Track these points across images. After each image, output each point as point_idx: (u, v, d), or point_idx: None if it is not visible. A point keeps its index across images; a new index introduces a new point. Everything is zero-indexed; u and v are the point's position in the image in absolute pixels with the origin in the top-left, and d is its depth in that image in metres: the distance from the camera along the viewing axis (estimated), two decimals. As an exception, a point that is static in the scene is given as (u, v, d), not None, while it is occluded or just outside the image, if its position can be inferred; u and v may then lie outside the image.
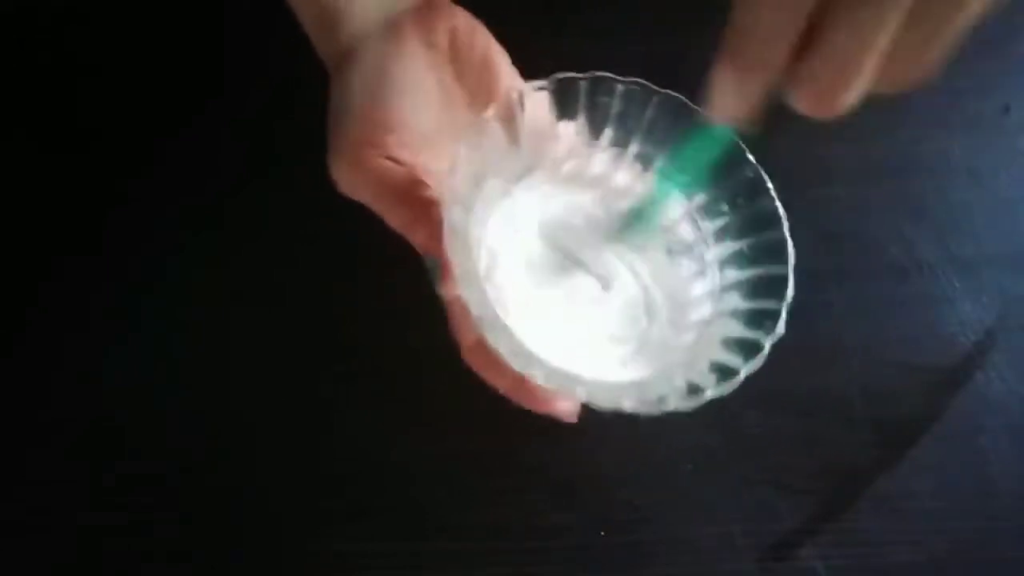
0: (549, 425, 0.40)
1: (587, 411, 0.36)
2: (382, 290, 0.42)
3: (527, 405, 0.34)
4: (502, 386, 0.34)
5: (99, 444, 0.40)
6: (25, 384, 0.41)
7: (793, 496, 0.39)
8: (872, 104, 0.25)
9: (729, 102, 0.25)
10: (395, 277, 0.41)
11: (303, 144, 0.36)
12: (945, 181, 0.46)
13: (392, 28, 0.34)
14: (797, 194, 0.33)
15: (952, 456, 0.40)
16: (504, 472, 0.39)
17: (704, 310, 0.34)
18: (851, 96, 0.24)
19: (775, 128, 0.26)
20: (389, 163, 0.32)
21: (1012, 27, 0.50)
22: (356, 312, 0.42)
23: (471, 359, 0.34)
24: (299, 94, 0.45)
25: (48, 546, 0.38)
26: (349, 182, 0.34)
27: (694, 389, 0.29)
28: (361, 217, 0.35)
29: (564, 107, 0.34)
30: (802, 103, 0.24)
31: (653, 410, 0.29)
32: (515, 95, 0.33)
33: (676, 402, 0.29)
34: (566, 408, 0.36)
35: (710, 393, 0.29)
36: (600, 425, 0.40)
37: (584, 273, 0.35)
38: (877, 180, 0.46)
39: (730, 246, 0.34)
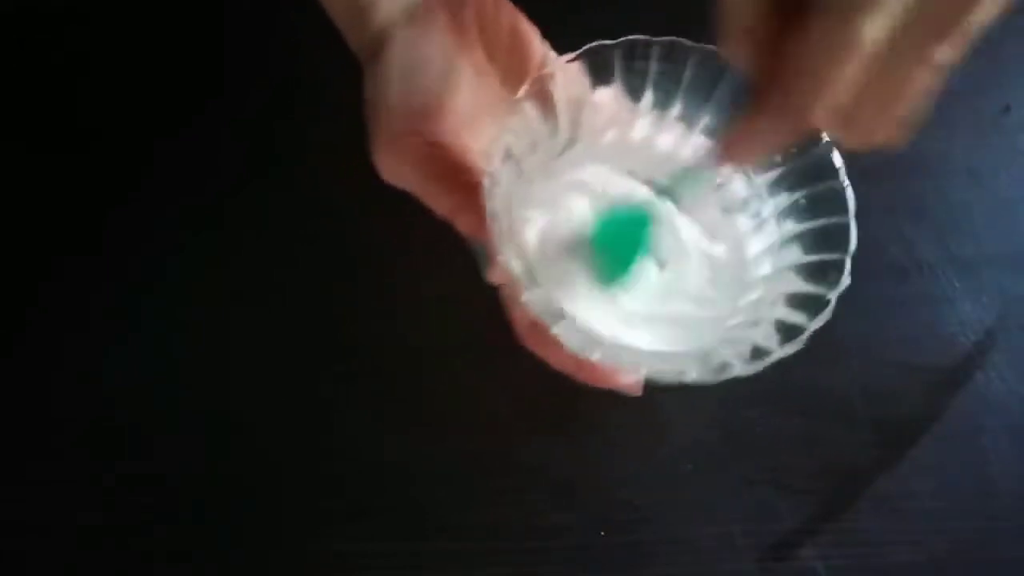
0: (549, 425, 0.40)
1: (587, 404, 0.35)
2: (382, 290, 0.42)
3: (591, 382, 0.34)
4: (563, 366, 0.34)
5: (99, 444, 0.40)
6: (25, 384, 0.41)
7: (793, 496, 0.39)
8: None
9: (755, 146, 0.25)
10: (395, 277, 0.41)
11: (303, 144, 0.36)
12: (945, 181, 0.46)
13: (419, 13, 0.34)
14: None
15: (952, 456, 0.40)
16: (504, 472, 0.39)
17: (765, 267, 0.33)
18: (888, 134, 0.24)
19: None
20: (431, 149, 0.32)
21: (1012, 27, 0.50)
22: (356, 312, 0.42)
23: (529, 342, 0.34)
24: (299, 94, 0.46)
25: (48, 546, 0.38)
26: (393, 171, 0.33)
27: (759, 352, 0.28)
28: (361, 217, 0.35)
29: (599, 76, 0.33)
30: (839, 138, 0.25)
31: (717, 378, 0.28)
32: (547, 72, 0.32)
33: (740, 367, 0.28)
34: (630, 382, 0.35)
35: (776, 355, 0.28)
36: (601, 425, 0.40)
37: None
38: (877, 180, 0.46)
39: (786, 198, 0.33)
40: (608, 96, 0.34)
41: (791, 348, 0.28)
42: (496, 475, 0.39)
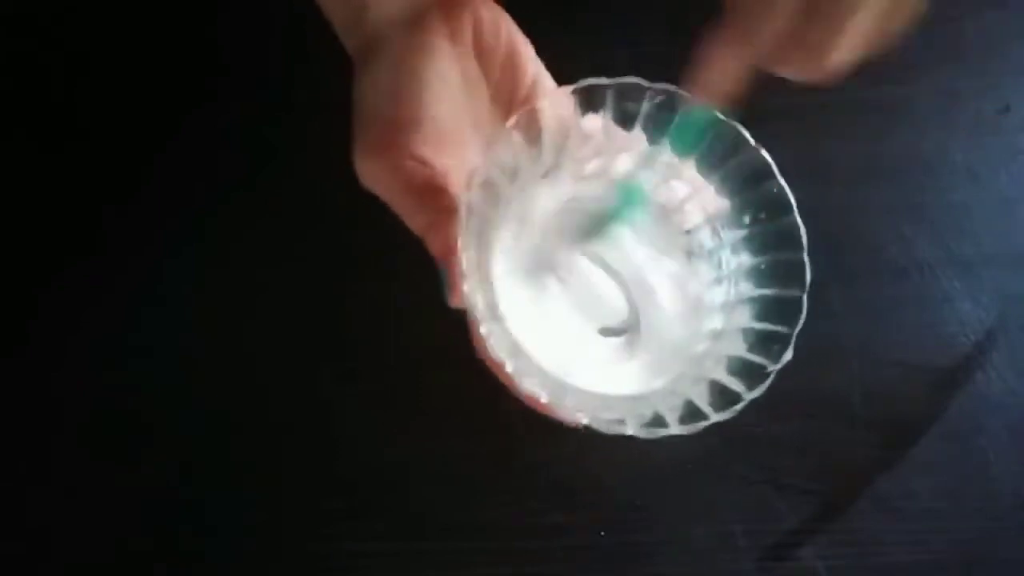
0: (549, 425, 0.40)
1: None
2: (382, 290, 0.42)
3: (544, 412, 0.34)
4: (522, 396, 0.34)
5: (99, 444, 0.40)
6: (25, 385, 0.41)
7: (793, 496, 0.39)
8: (873, 105, 0.26)
9: (717, 78, 0.26)
10: (395, 277, 0.41)
11: (303, 143, 0.36)
12: (945, 181, 0.46)
13: (417, 21, 0.33)
14: (797, 194, 0.33)
15: (952, 456, 0.40)
16: (504, 472, 0.39)
17: (717, 320, 0.33)
18: (840, 56, 0.25)
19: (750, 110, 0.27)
20: (413, 163, 0.32)
21: (1012, 27, 0.50)
22: (356, 312, 0.42)
23: (492, 367, 0.34)
24: (299, 93, 0.46)
25: (48, 546, 0.38)
26: (371, 178, 0.33)
27: (693, 413, 0.29)
28: (361, 217, 0.35)
29: (589, 106, 0.33)
30: (792, 66, 0.25)
31: (652, 434, 0.28)
32: (537, 106, 0.32)
33: (675, 428, 0.28)
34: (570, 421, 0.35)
35: (711, 420, 0.28)
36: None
37: (587, 272, 0.34)
38: (877, 180, 0.46)
39: (748, 259, 0.34)
40: (595, 124, 0.34)
41: (725, 415, 0.29)
42: (496, 475, 0.39)
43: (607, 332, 0.34)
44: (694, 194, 0.35)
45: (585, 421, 0.29)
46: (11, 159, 0.46)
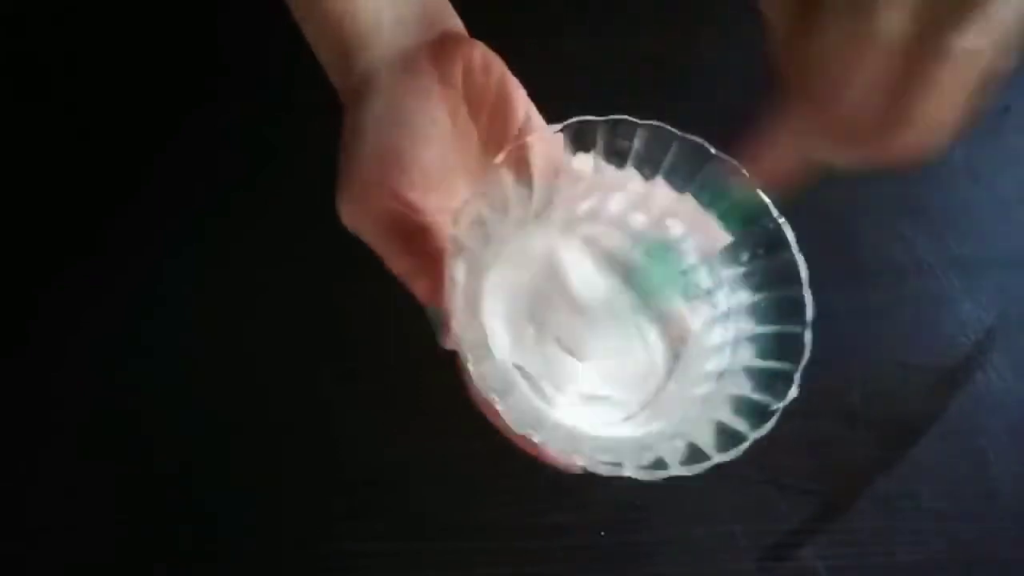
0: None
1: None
2: (382, 290, 0.42)
3: (537, 455, 0.33)
4: (515, 438, 0.33)
5: (99, 445, 0.40)
6: (25, 386, 0.41)
7: (793, 496, 0.39)
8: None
9: (776, 165, 0.24)
10: (395, 277, 0.41)
11: (303, 144, 0.36)
12: (945, 181, 0.46)
13: (407, 63, 0.33)
14: (797, 194, 0.33)
15: (952, 456, 0.40)
16: (504, 472, 0.39)
17: (718, 361, 0.33)
18: (919, 136, 0.22)
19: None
20: (397, 207, 0.32)
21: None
22: (356, 312, 0.42)
23: (484, 410, 0.33)
24: (299, 93, 0.46)
25: (48, 546, 0.38)
26: (354, 220, 0.33)
27: (697, 455, 0.28)
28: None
29: (579, 144, 0.33)
30: (864, 152, 0.23)
31: (652, 476, 0.28)
32: (526, 141, 0.32)
33: (676, 468, 0.28)
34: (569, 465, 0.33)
35: (713, 461, 0.28)
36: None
37: (588, 325, 0.33)
38: (877, 180, 0.46)
39: (747, 296, 0.33)
40: (586, 164, 0.33)
41: (729, 456, 0.28)
42: (496, 475, 0.39)
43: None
44: (691, 232, 0.34)
45: (581, 463, 0.28)
46: (11, 159, 0.46)
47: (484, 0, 0.35)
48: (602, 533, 0.38)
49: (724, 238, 0.33)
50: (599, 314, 0.33)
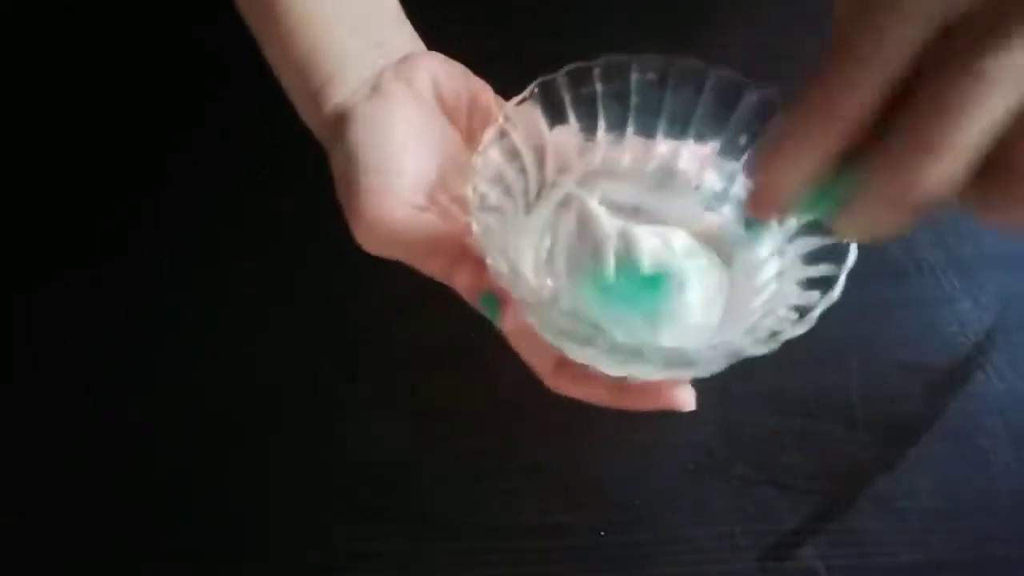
0: (549, 425, 0.40)
1: (581, 409, 0.35)
2: (383, 290, 0.42)
3: (633, 407, 0.33)
4: (599, 398, 0.33)
5: (99, 445, 0.40)
6: (25, 386, 0.41)
7: (793, 496, 0.39)
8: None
9: (879, 222, 0.22)
10: (396, 277, 0.41)
11: (303, 144, 0.36)
12: (945, 181, 0.46)
13: (376, 88, 0.34)
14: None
15: (952, 456, 0.40)
16: (504, 472, 0.39)
17: (772, 267, 0.33)
18: None
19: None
20: (410, 214, 0.32)
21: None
22: (357, 311, 0.42)
23: (557, 384, 0.33)
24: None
25: (48, 547, 0.38)
26: (375, 244, 0.33)
27: (773, 334, 0.28)
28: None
29: (553, 112, 0.34)
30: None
31: (769, 347, 0.28)
32: (503, 120, 0.32)
33: (791, 330, 0.28)
34: (680, 397, 0.33)
35: (787, 334, 0.28)
36: (600, 425, 0.40)
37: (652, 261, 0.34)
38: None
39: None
40: (567, 134, 0.34)
41: (803, 326, 0.28)
42: (496, 475, 0.39)
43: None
44: (680, 149, 0.35)
45: (695, 372, 0.29)
46: (11, 159, 0.46)
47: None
48: (602, 533, 0.38)
49: (709, 146, 0.34)
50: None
